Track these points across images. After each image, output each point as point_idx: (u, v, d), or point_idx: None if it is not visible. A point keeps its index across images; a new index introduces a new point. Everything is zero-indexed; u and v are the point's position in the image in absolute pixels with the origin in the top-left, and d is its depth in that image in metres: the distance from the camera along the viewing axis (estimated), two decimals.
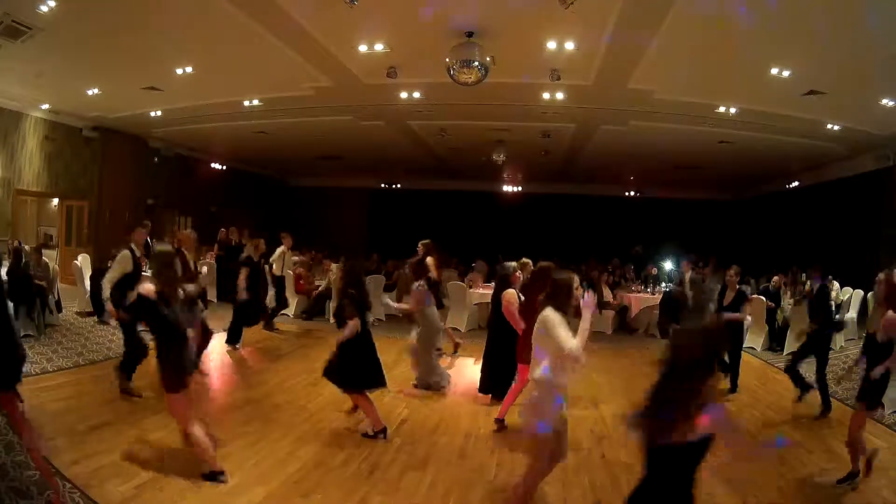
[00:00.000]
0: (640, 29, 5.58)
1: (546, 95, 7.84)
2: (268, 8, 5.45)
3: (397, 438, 4.30)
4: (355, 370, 4.16)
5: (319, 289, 9.71)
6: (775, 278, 9.02)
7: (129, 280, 4.73)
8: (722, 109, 7.97)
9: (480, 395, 5.36)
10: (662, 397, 1.87)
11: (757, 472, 3.85)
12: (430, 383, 5.66)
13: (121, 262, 4.92)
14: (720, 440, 1.89)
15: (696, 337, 1.97)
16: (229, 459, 3.70)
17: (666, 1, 4.96)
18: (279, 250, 8.60)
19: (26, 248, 7.74)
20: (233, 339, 6.95)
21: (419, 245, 7.15)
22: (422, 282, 5.84)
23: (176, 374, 3.25)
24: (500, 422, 4.59)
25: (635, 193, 16.78)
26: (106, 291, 4.75)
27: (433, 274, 6.76)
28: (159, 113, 9.75)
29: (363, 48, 6.37)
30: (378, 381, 4.30)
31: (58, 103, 9.41)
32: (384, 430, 4.25)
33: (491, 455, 4.06)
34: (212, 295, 9.77)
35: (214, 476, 3.35)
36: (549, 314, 3.02)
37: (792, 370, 5.57)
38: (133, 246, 5.15)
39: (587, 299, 2.96)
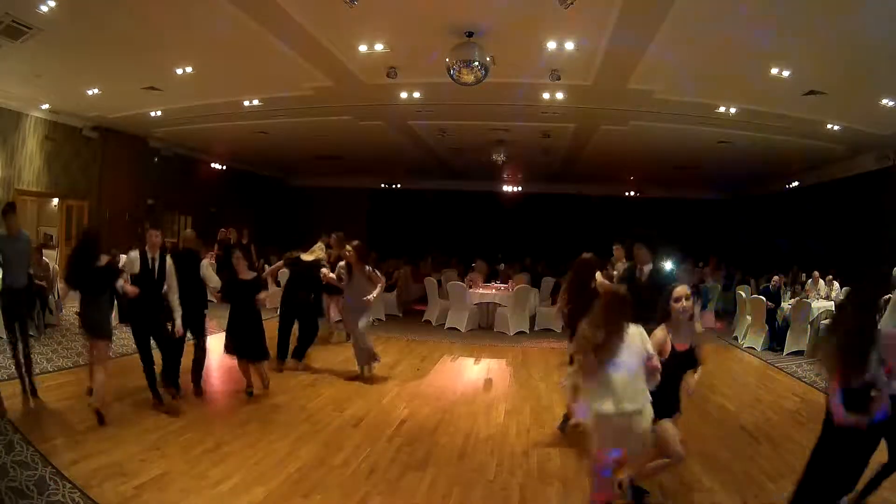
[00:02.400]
0: (641, 29, 5.57)
1: (546, 95, 7.83)
2: (268, 8, 5.44)
3: (397, 438, 4.31)
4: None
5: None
6: (775, 278, 9.02)
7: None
8: (722, 109, 7.96)
9: None
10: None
11: (757, 471, 3.86)
12: None
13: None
14: None
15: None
16: (229, 459, 3.71)
17: (666, 1, 4.96)
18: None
19: None
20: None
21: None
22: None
23: None
24: None
25: (635, 193, 16.79)
26: None
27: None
28: (159, 113, 9.74)
29: (363, 48, 6.36)
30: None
31: (58, 103, 9.40)
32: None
33: (491, 455, 4.06)
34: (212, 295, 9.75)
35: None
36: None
37: None
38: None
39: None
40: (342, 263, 5.90)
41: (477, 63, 5.87)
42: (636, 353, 2.75)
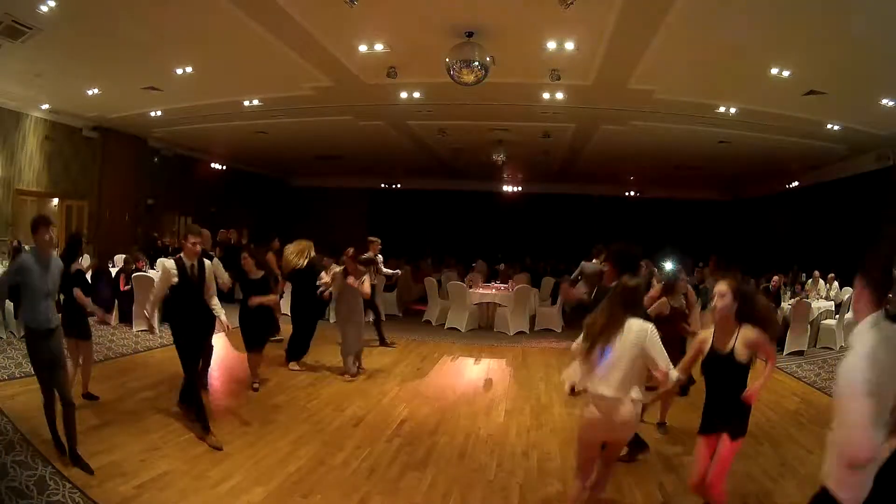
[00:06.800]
0: (640, 29, 5.57)
1: (546, 95, 7.83)
2: (268, 8, 5.44)
3: (397, 438, 4.31)
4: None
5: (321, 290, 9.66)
6: (775, 278, 9.02)
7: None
8: (722, 109, 7.97)
9: None
10: None
11: (757, 471, 3.85)
12: None
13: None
14: None
15: None
16: (229, 459, 3.71)
17: (666, 1, 4.97)
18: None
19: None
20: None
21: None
22: None
23: None
24: None
25: (635, 193, 16.81)
26: None
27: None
28: (159, 113, 9.74)
29: (363, 48, 6.36)
30: None
31: (58, 103, 9.41)
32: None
33: (491, 455, 4.06)
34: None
35: None
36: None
37: None
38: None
39: None
40: (339, 269, 6.03)
41: (477, 63, 5.86)
42: (629, 346, 2.72)
